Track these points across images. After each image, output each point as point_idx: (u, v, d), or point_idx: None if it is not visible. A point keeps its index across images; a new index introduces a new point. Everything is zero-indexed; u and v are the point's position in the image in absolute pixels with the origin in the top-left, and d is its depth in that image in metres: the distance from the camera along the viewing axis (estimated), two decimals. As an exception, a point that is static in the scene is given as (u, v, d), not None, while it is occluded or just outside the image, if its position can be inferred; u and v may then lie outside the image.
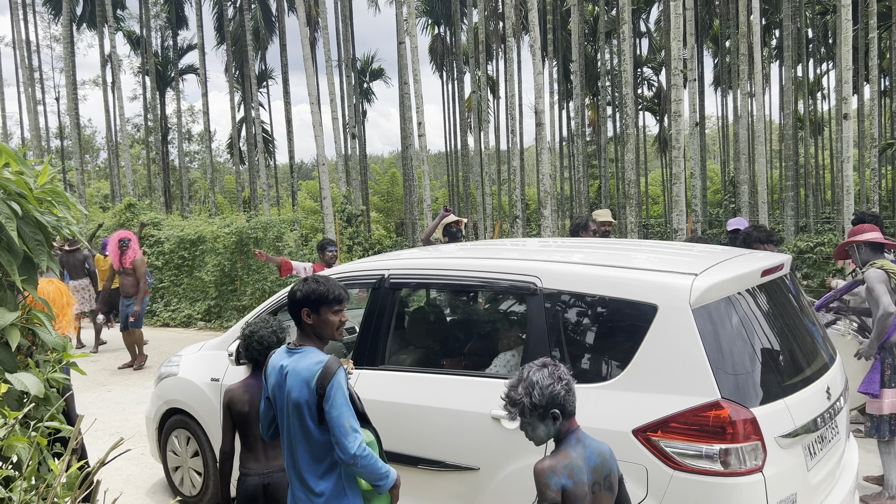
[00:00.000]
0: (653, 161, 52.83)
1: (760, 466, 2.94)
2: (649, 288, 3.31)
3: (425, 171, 16.84)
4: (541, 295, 3.55)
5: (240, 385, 3.64)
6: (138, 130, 46.91)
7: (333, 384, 2.80)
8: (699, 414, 3.00)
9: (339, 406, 2.79)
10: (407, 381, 3.89)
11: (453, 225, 7.93)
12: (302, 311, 2.98)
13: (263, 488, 3.49)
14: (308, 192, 49.92)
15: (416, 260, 4.31)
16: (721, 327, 3.22)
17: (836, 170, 32.05)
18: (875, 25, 18.62)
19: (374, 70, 39.54)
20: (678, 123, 13.90)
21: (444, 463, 3.64)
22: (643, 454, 3.08)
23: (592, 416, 3.17)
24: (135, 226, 16.48)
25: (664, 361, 3.17)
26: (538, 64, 16.14)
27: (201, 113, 34.35)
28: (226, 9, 31.01)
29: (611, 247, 4.33)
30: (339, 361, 2.90)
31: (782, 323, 3.68)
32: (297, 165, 70.71)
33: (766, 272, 3.61)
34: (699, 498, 2.96)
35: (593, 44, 33.96)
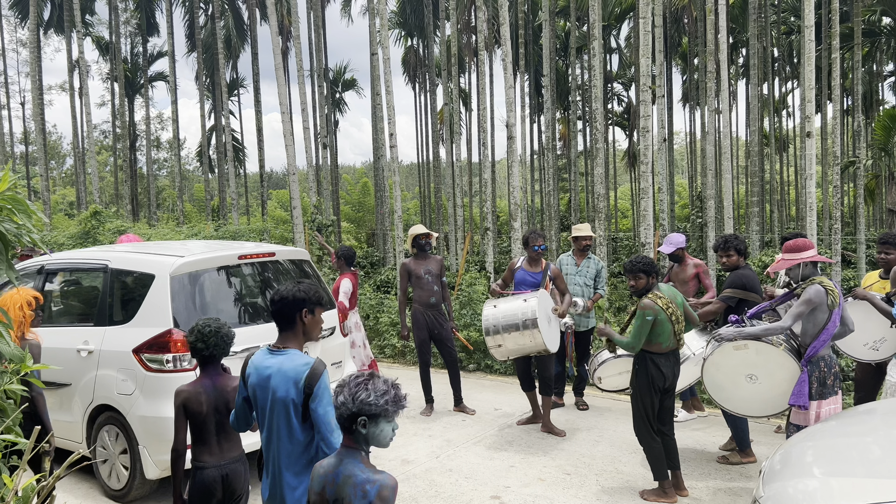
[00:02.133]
0: (622, 175, 53.44)
1: (195, 367, 4.95)
2: (154, 264, 5.59)
3: (396, 182, 16.85)
4: (109, 271, 5.85)
5: (194, 385, 3.81)
6: (106, 137, 46.22)
7: (320, 384, 3.03)
8: (160, 338, 5.28)
9: (325, 405, 3.03)
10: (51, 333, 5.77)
11: (422, 238, 7.99)
12: (302, 312, 3.17)
13: (222, 479, 3.75)
14: (278, 202, 49.56)
15: (69, 253, 6.61)
16: (188, 287, 5.50)
17: (801, 186, 32.71)
18: (837, 46, 19.09)
19: (347, 80, 39.50)
20: (647, 139, 14.10)
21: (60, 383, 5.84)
22: (135, 364, 5.33)
23: (117, 344, 5.48)
24: (101, 234, 16.23)
25: (154, 308, 5.41)
26: (510, 78, 16.27)
27: (171, 120, 34.01)
28: (197, 16, 30.80)
29: (171, 243, 6.84)
30: (323, 363, 3.11)
31: (250, 287, 6.04)
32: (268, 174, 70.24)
33: (244, 257, 5.98)
34: (159, 385, 5.21)
35: (565, 59, 34.34)
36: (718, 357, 5.58)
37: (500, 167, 48.39)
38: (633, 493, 5.63)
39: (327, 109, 32.52)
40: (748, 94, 24.41)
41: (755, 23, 23.24)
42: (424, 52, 35.49)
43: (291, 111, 34.18)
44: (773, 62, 34.07)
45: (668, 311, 5.39)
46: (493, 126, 34.75)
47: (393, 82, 16.19)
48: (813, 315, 5.24)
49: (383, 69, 17.03)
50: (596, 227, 16.98)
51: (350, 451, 2.66)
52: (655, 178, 20.68)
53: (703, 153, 27.13)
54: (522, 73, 31.56)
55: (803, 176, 15.17)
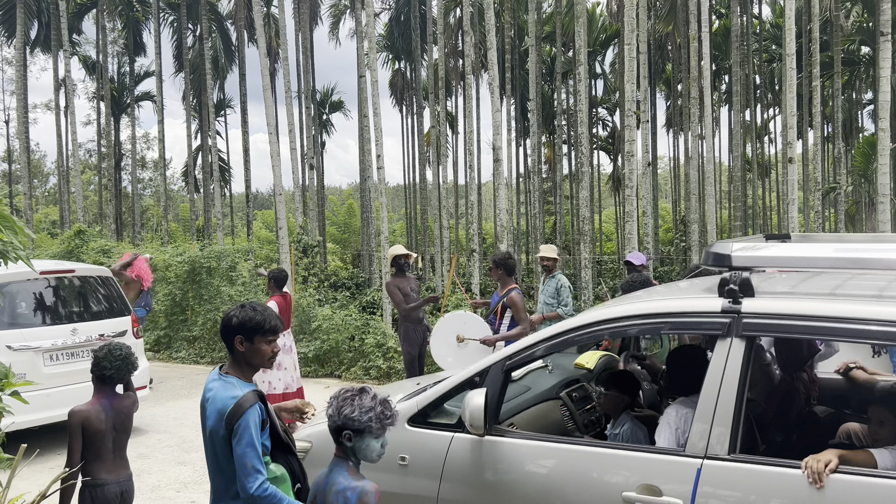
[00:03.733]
0: (606, 199, 53.81)
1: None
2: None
3: (383, 203, 16.89)
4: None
5: (92, 405, 3.92)
6: (91, 156, 46.05)
7: (241, 423, 2.83)
8: None
9: (244, 446, 2.83)
10: None
11: (402, 258, 8.14)
12: (235, 339, 2.99)
13: (120, 495, 3.87)
14: (263, 222, 49.49)
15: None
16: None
17: (783, 211, 33.10)
18: (818, 74, 19.44)
19: (334, 102, 39.64)
20: (631, 163, 14.24)
21: None
22: None
23: None
24: (84, 253, 16.10)
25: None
26: (496, 101, 16.43)
27: (157, 140, 33.94)
28: (185, 37, 30.89)
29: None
30: (255, 397, 2.90)
31: (51, 297, 7.52)
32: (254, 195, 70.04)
33: (45, 272, 7.37)
34: None
35: (550, 83, 34.68)
36: None
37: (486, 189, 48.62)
38: None
39: (314, 131, 32.59)
40: (731, 119, 24.78)
41: (738, 50, 23.64)
42: (412, 75, 35.74)
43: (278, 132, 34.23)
44: (756, 89, 34.58)
45: None
46: (479, 149, 35.01)
47: (380, 104, 16.28)
48: None
49: (371, 91, 17.14)
50: (581, 249, 17.08)
51: (338, 461, 2.75)
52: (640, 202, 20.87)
53: (686, 178, 27.45)
54: (509, 98, 31.84)
55: (785, 201, 15.37)
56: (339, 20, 35.50)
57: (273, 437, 3.03)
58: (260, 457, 2.86)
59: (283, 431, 3.09)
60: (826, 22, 27.10)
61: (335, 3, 35.15)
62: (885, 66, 13.27)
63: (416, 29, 30.99)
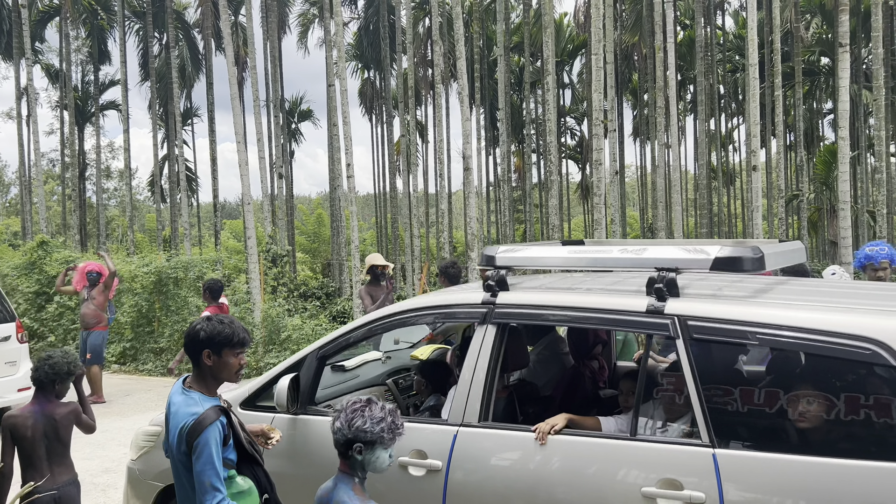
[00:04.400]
0: (575, 207, 54.32)
1: None
2: None
3: (353, 212, 16.84)
4: None
5: (23, 411, 3.90)
6: (54, 166, 45.24)
7: (200, 441, 2.77)
8: None
9: (203, 463, 2.77)
10: None
11: (379, 268, 8.16)
12: (203, 352, 2.91)
13: (53, 503, 3.80)
14: (231, 232, 48.96)
15: None
16: None
17: (748, 218, 33.69)
18: (780, 84, 19.87)
19: (303, 111, 39.51)
20: (599, 171, 14.40)
21: None
22: None
23: None
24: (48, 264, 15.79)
25: None
26: (466, 111, 16.50)
27: (122, 149, 33.48)
28: (151, 45, 30.55)
29: None
30: (216, 414, 2.85)
31: None
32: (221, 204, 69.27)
33: None
34: None
35: (519, 93, 34.96)
36: None
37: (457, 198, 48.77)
38: None
39: (283, 140, 32.42)
40: (696, 129, 25.18)
41: (702, 61, 24.07)
42: (381, 84, 35.76)
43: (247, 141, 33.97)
44: (720, 99, 35.23)
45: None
46: (449, 158, 35.07)
47: (350, 113, 16.26)
48: None
49: (340, 100, 17.11)
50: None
51: (344, 477, 2.67)
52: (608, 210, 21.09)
53: (653, 186, 27.82)
54: (478, 107, 32.02)
55: (750, 208, 15.64)
56: (307, 29, 35.44)
57: (238, 448, 2.97)
58: (219, 475, 2.80)
59: (249, 443, 3.05)
60: (787, 33, 27.73)
61: (304, 11, 35.09)
62: (843, 77, 13.61)
63: (385, 38, 31.04)
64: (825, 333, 2.78)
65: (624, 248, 3.45)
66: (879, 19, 16.54)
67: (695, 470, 2.83)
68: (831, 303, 3.19)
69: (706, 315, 3.01)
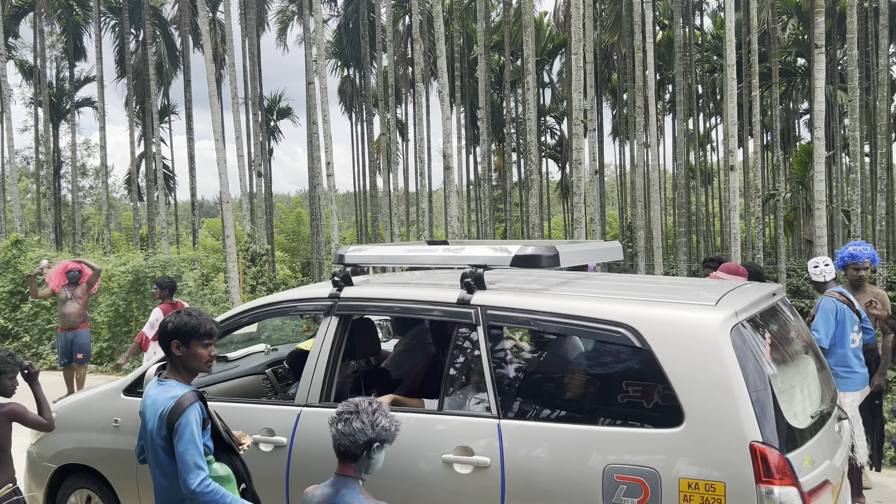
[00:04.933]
0: (556, 206, 54.49)
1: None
2: None
3: (333, 210, 16.76)
4: None
5: None
6: (28, 163, 44.54)
7: (181, 421, 2.91)
8: None
9: (185, 443, 2.90)
10: None
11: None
12: (172, 343, 3.08)
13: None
14: (210, 231, 48.55)
15: None
16: None
17: (725, 217, 34.00)
18: (757, 84, 20.05)
19: (282, 109, 39.24)
20: (579, 171, 14.45)
21: None
22: None
23: None
24: (22, 263, 15.54)
25: None
26: (447, 109, 16.49)
27: (98, 147, 33.04)
28: (127, 42, 30.17)
29: None
30: (194, 397, 3.01)
31: None
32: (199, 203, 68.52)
33: None
34: None
35: (499, 92, 34.99)
36: None
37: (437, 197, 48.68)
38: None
39: (262, 137, 32.19)
40: (675, 128, 25.34)
41: (680, 61, 24.23)
42: (361, 82, 35.63)
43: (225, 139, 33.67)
44: (698, 99, 35.50)
45: None
46: (430, 156, 35.04)
47: (329, 111, 16.18)
48: None
49: (319, 98, 17.02)
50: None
51: (346, 481, 2.65)
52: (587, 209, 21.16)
53: (632, 185, 27.99)
54: (458, 106, 32.01)
55: (727, 207, 15.77)
56: (286, 26, 35.18)
57: (215, 437, 3.11)
58: (201, 453, 2.92)
59: (225, 432, 3.18)
60: (764, 34, 28.01)
61: (282, 8, 34.83)
62: (819, 77, 13.77)
63: (364, 36, 30.91)
64: (589, 319, 3.22)
65: (448, 248, 3.84)
66: (854, 21, 16.76)
67: (483, 438, 3.25)
68: (601, 294, 3.57)
69: (501, 305, 3.43)
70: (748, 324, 3.17)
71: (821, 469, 3.01)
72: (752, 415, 2.83)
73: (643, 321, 3.11)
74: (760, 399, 2.91)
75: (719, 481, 2.83)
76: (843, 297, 5.68)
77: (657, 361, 3.01)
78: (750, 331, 3.15)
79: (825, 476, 3.03)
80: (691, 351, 2.99)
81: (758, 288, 3.76)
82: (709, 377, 2.93)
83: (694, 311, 3.17)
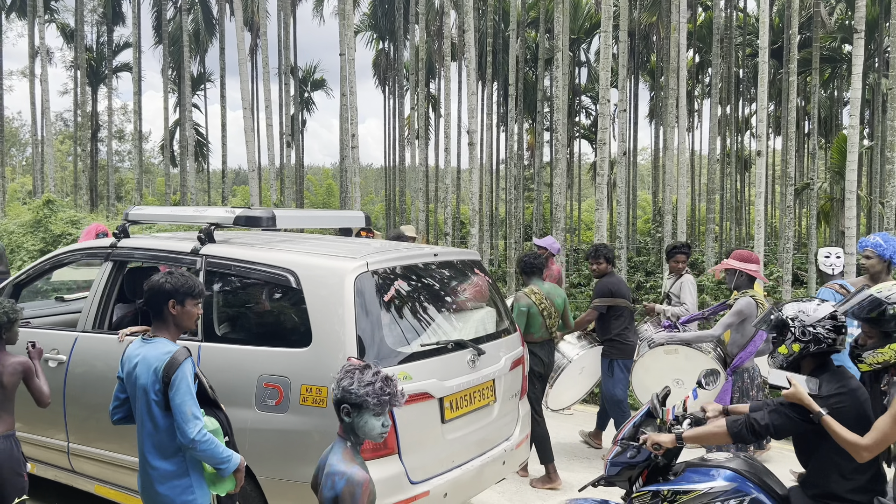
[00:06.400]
0: (589, 188, 53.90)
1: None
2: None
3: (356, 182, 16.81)
4: None
5: None
6: (68, 126, 45.37)
7: (178, 374, 3.07)
8: None
9: (182, 394, 3.06)
10: None
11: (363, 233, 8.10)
12: (169, 302, 3.22)
13: None
14: (242, 199, 49.08)
15: None
16: None
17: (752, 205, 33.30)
18: (795, 70, 19.50)
19: (316, 80, 39.31)
20: (603, 151, 14.24)
21: None
22: None
23: None
24: (53, 223, 15.88)
25: None
26: (472, 85, 16.35)
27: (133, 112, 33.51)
28: (165, 8, 30.40)
29: None
30: (187, 352, 3.17)
31: None
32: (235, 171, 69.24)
33: None
34: None
35: (534, 70, 34.57)
36: (649, 360, 5.82)
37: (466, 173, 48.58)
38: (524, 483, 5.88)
39: (293, 108, 32.30)
40: (711, 113, 24.84)
41: (718, 43, 23.65)
42: (395, 55, 35.48)
43: (256, 108, 33.87)
44: (738, 83, 34.66)
45: (541, 305, 5.81)
46: (459, 133, 34.86)
47: (364, 85, 16.18)
48: (742, 326, 5.39)
49: (348, 70, 17.00)
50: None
51: (339, 441, 2.67)
52: (613, 191, 20.88)
53: (663, 169, 27.54)
54: (491, 82, 31.71)
55: (754, 194, 15.45)
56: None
57: (200, 393, 3.24)
58: (197, 405, 3.10)
59: (209, 388, 3.36)
60: (809, 18, 27.16)
61: (320, -21, 34.79)
62: (857, 63, 13.34)
63: (399, 9, 30.72)
64: (267, 265, 4.11)
65: (197, 209, 4.83)
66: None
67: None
68: (282, 248, 4.33)
69: (215, 254, 4.33)
70: (378, 274, 3.98)
71: (419, 384, 3.82)
72: (353, 340, 3.69)
73: (300, 266, 3.99)
74: (365, 329, 3.75)
75: (325, 386, 3.62)
76: (843, 289, 5.54)
77: (304, 297, 3.87)
78: (378, 279, 3.97)
79: (425, 389, 3.87)
80: (325, 290, 3.84)
81: (409, 249, 4.65)
82: (333, 311, 3.78)
83: (336, 260, 4.01)
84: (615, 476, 3.58)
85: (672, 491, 3.42)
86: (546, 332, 5.88)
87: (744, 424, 3.29)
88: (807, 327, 3.27)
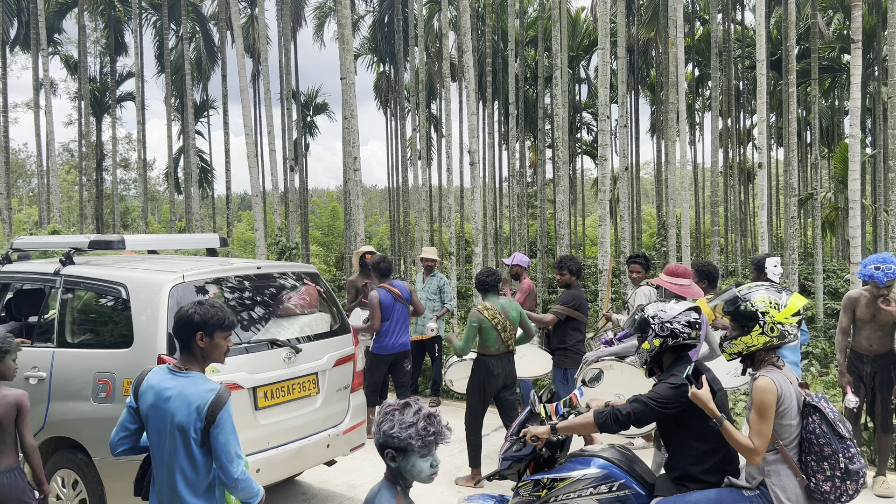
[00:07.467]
0: (592, 204, 53.91)
1: None
2: None
3: (359, 205, 16.85)
4: None
5: None
6: (73, 156, 45.71)
7: (223, 413, 3.03)
8: None
9: (227, 433, 3.03)
10: None
11: (369, 256, 8.16)
12: (197, 335, 3.11)
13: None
14: (248, 224, 49.21)
15: None
16: None
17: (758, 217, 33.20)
18: (794, 81, 19.57)
19: (318, 104, 39.55)
20: (604, 167, 14.25)
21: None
22: None
23: None
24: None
25: None
26: (472, 105, 16.42)
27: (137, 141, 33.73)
28: (167, 38, 30.73)
29: None
30: (228, 391, 3.12)
31: None
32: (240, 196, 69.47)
33: None
34: None
35: (534, 87, 34.73)
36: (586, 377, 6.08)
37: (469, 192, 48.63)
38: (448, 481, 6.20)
39: (296, 133, 32.49)
40: (713, 125, 24.88)
41: (717, 56, 23.75)
42: (395, 77, 35.71)
43: (259, 133, 34.08)
44: (738, 96, 34.73)
45: (494, 320, 6.08)
46: (461, 152, 34.97)
47: (365, 107, 16.28)
48: None
49: (349, 94, 17.09)
50: (558, 253, 17.05)
51: (387, 484, 2.53)
52: (616, 206, 20.87)
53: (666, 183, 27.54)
54: (492, 101, 31.86)
55: (758, 206, 15.43)
56: (323, 22, 35.46)
57: None
58: (239, 443, 3.10)
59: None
60: (807, 29, 27.27)
61: (320, 4, 35.10)
62: (855, 73, 13.35)
63: (399, 31, 30.97)
64: (105, 280, 4.89)
65: (66, 237, 5.72)
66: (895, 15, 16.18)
67: (47, 359, 4.92)
68: (119, 266, 5.12)
69: (70, 273, 5.09)
70: (194, 285, 4.69)
71: (227, 376, 4.41)
72: (164, 340, 4.41)
73: (129, 280, 4.75)
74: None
75: None
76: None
77: (130, 305, 4.62)
78: (194, 289, 4.67)
79: (233, 381, 4.51)
80: (146, 300, 4.56)
81: (232, 264, 5.22)
82: (150, 315, 4.51)
83: (158, 275, 4.73)
84: (507, 470, 3.85)
85: (550, 479, 3.71)
86: (503, 345, 6.14)
87: (608, 415, 3.56)
88: (665, 323, 3.56)
